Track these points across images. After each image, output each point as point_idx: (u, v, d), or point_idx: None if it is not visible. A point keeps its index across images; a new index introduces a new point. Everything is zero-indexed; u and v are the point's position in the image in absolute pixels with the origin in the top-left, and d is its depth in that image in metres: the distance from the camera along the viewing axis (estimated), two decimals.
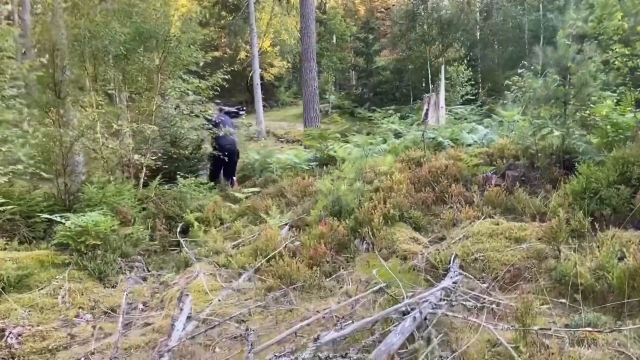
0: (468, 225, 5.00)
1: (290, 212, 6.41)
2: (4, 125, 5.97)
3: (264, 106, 36.59)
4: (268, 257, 4.91)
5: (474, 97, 20.54)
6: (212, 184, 8.12)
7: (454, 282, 3.90)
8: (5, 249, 5.36)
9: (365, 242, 5.14)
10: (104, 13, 7.60)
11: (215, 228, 6.49)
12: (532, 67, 5.95)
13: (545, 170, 5.97)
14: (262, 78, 36.66)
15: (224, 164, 8.83)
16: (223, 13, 34.35)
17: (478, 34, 29.82)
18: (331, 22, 32.42)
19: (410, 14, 31.11)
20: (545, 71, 5.99)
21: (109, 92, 7.39)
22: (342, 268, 4.84)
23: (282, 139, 26.35)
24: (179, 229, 6.42)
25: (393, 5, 38.92)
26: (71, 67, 7.02)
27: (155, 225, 6.33)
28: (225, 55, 38.39)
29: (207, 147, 8.83)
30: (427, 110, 11.34)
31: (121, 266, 5.24)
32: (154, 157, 8.13)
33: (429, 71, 28.30)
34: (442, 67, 14.43)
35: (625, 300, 3.33)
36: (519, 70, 6.10)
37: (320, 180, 6.38)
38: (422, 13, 30.78)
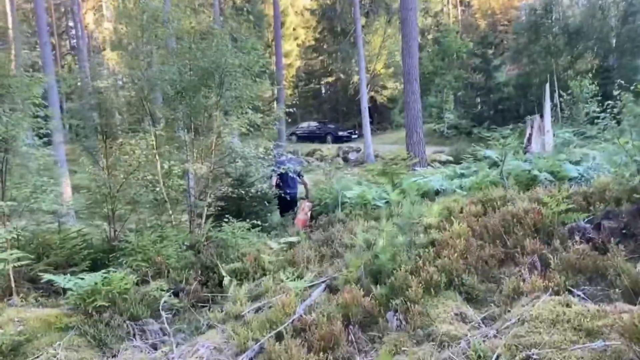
0: (530, 303, 3.78)
1: (332, 266, 5.54)
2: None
3: (376, 129, 36.04)
4: (275, 331, 4.09)
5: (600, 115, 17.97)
6: (261, 228, 7.50)
7: None
8: (23, 305, 5.16)
9: (397, 317, 4.12)
10: (160, 54, 7.44)
11: (254, 281, 5.84)
12: (633, 88, 4.54)
13: None
14: (374, 100, 36.19)
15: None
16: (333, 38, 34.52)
17: (614, 41, 26.49)
18: (445, 40, 30.92)
19: (532, 24, 28.65)
20: None
21: (159, 133, 7.10)
22: (363, 352, 3.88)
23: (389, 163, 25.43)
24: (214, 282, 5.87)
25: (517, 17, 36.38)
26: (121, 109, 6.87)
27: (188, 278, 5.82)
28: (339, 80, 38.58)
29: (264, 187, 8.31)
30: (530, 135, 9.81)
31: (129, 331, 4.74)
32: (212, 198, 7.77)
33: (556, 85, 25.59)
34: (547, 85, 12.58)
35: None
36: (615, 92, 4.71)
37: (360, 230, 5.43)
38: (547, 22, 28.16)
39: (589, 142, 9.84)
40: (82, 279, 4.74)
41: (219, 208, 8.10)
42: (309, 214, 8.70)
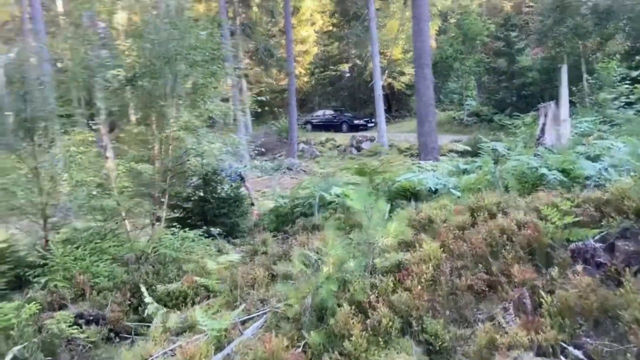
0: None
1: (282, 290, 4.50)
2: None
3: (394, 117, 34.75)
4: None
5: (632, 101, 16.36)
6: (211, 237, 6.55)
7: None
8: None
9: None
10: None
11: (194, 306, 4.88)
12: None
13: None
14: (392, 87, 34.80)
15: None
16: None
17: None
18: (465, 22, 29.29)
19: (559, 4, 26.87)
20: None
21: (95, 127, 6.15)
22: None
23: (405, 153, 24.11)
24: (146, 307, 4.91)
25: None
26: (56, 101, 5.90)
27: (113, 302, 4.88)
28: (355, 67, 37.26)
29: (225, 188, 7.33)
30: (544, 124, 8.57)
31: None
32: (174, 200, 6.83)
33: (584, 69, 23.88)
34: (563, 67, 11.22)
35: None
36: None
37: (300, 250, 4.39)
38: (574, 2, 26.37)
39: (614, 133, 8.54)
40: None
41: (183, 211, 7.19)
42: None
